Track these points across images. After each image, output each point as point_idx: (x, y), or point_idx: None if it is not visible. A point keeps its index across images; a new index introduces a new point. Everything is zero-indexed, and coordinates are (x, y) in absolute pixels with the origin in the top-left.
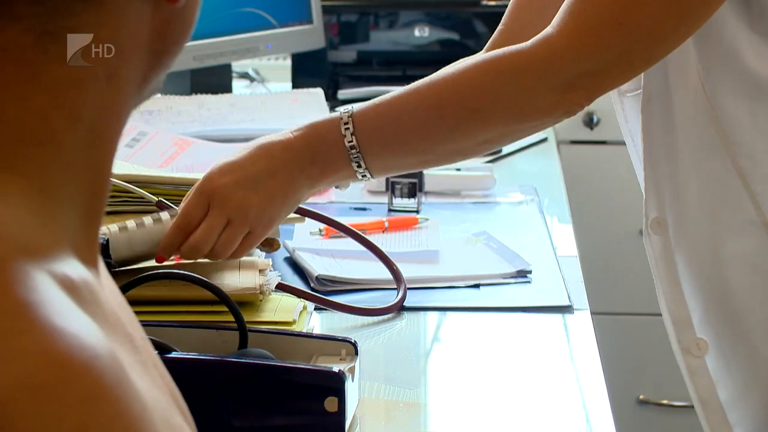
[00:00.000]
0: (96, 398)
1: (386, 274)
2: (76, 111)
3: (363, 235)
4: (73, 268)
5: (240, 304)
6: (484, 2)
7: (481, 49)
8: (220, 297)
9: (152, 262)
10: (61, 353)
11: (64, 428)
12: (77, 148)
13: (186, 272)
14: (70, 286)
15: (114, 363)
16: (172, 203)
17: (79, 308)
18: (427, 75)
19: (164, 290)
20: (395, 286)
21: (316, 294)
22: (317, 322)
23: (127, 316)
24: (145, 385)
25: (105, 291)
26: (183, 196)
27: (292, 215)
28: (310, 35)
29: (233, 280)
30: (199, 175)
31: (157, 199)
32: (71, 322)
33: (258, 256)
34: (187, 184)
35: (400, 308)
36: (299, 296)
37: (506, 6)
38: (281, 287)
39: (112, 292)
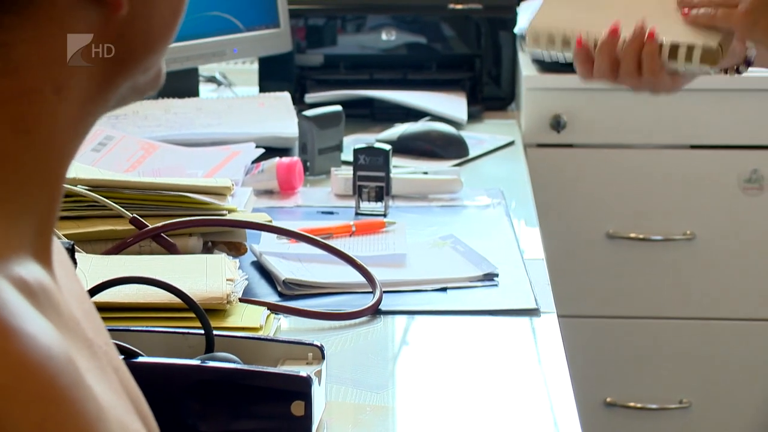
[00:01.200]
0: (51, 399)
1: (353, 278)
2: (24, 124)
3: (331, 237)
4: (30, 272)
5: (206, 311)
6: (451, 6)
7: (449, 53)
8: (186, 302)
9: (120, 268)
10: (16, 354)
11: (20, 428)
12: (29, 159)
13: (152, 277)
14: (26, 290)
15: (69, 365)
16: (139, 208)
17: (36, 311)
18: (394, 78)
19: (131, 296)
20: (363, 290)
21: (282, 304)
22: (285, 325)
23: (91, 320)
24: (102, 389)
25: (63, 295)
26: (150, 200)
27: (261, 217)
28: (277, 39)
29: (200, 286)
30: (165, 180)
31: (131, 215)
32: (27, 323)
33: (226, 259)
34: (154, 188)
35: (375, 311)
36: (264, 306)
37: (472, 10)
38: (244, 300)
39: (79, 296)
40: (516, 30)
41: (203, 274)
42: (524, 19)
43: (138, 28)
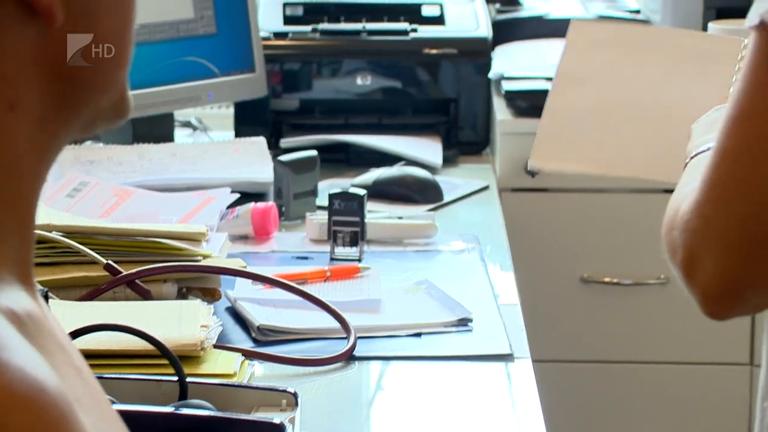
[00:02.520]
0: (42, 430)
1: (328, 323)
2: None
3: (305, 283)
4: (17, 300)
5: (180, 357)
6: (426, 51)
7: (424, 97)
8: (159, 348)
9: (94, 315)
10: (4, 386)
11: None
12: None
13: (126, 325)
14: (15, 319)
15: (60, 397)
16: (114, 254)
17: (25, 341)
18: (369, 123)
19: (105, 343)
20: (338, 335)
21: (256, 350)
22: (259, 371)
23: (74, 351)
24: (93, 420)
25: (50, 321)
26: (124, 246)
27: (235, 262)
28: (253, 84)
29: (173, 332)
30: (139, 226)
31: (106, 262)
32: (16, 355)
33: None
34: (128, 234)
35: (349, 357)
36: (239, 352)
37: (447, 55)
38: (218, 346)
39: (60, 329)
40: (490, 74)
41: (177, 321)
42: (499, 63)
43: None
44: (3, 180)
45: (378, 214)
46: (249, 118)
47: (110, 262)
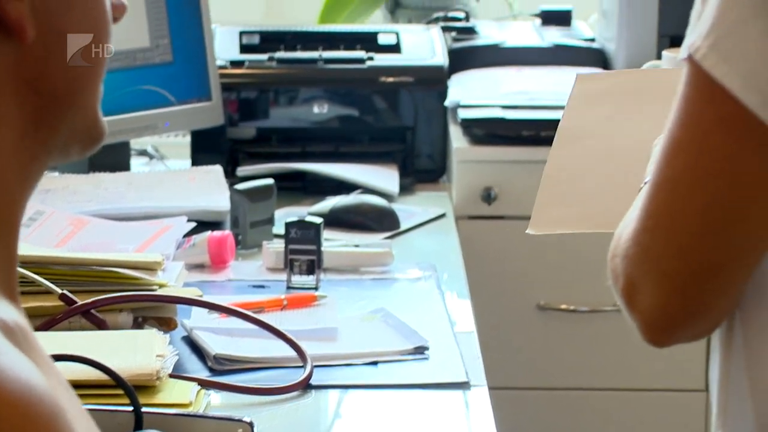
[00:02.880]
0: (31, 428)
1: (285, 352)
2: None
3: (262, 311)
4: (6, 312)
5: (136, 387)
6: (383, 79)
7: (381, 125)
8: (115, 378)
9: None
10: None
11: None
12: None
13: (81, 355)
14: (4, 328)
15: (49, 397)
16: (69, 284)
17: (14, 347)
18: (326, 151)
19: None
20: (294, 364)
21: (212, 379)
22: (216, 401)
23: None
24: (82, 427)
25: (35, 337)
26: (80, 276)
27: (191, 291)
28: (209, 112)
29: (129, 362)
30: (95, 255)
31: (61, 291)
32: (4, 357)
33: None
34: (84, 264)
35: (306, 386)
36: (195, 382)
37: (403, 83)
38: (174, 376)
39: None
40: (447, 102)
41: (133, 351)
42: (455, 91)
43: (55, 62)
44: None
45: (335, 243)
46: (206, 147)
47: (65, 292)
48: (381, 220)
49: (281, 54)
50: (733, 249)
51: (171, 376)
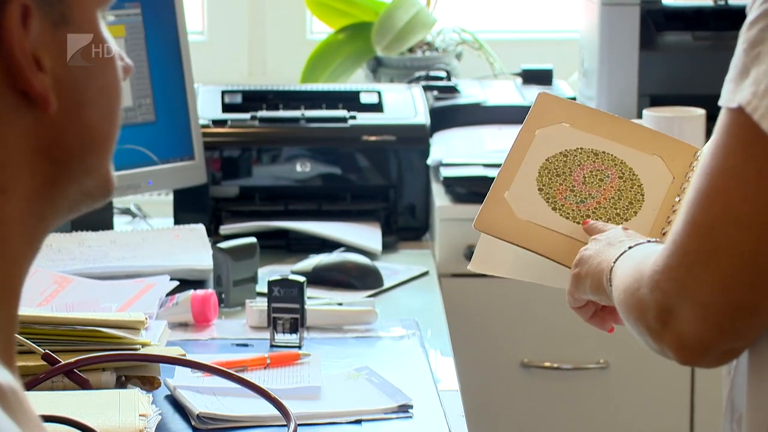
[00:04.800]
0: None
1: (269, 411)
2: None
3: (245, 370)
4: (1, 375)
5: None
6: (365, 137)
7: (363, 184)
8: None
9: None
10: None
11: None
12: None
13: (63, 416)
14: None
15: None
16: (52, 343)
17: (5, 413)
18: (309, 209)
19: None
20: (278, 423)
21: None
22: None
23: None
24: None
25: (28, 402)
26: (63, 335)
27: (174, 350)
28: (192, 171)
29: (112, 422)
30: (78, 314)
31: (44, 351)
32: None
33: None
34: (66, 323)
35: None
36: None
37: (386, 142)
38: None
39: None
40: (429, 161)
41: (116, 410)
42: (437, 150)
43: (72, 131)
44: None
45: (318, 301)
46: (188, 205)
47: (48, 351)
48: (364, 278)
49: (264, 113)
50: None
51: None
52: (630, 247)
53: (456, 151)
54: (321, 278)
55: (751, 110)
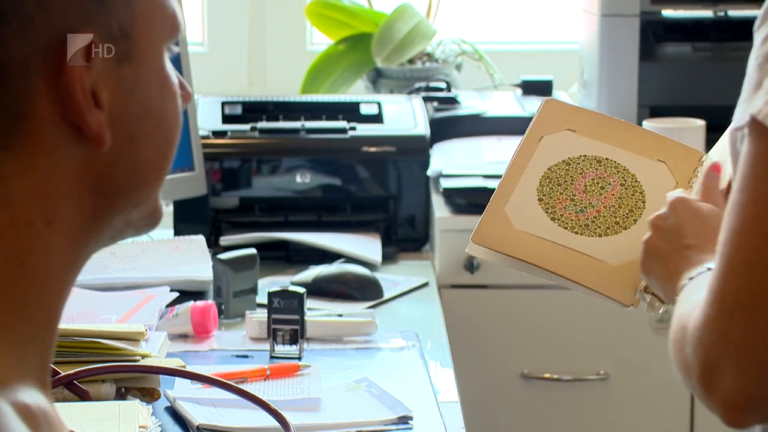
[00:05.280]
0: None
1: (269, 422)
2: (19, 256)
3: (245, 381)
4: (32, 398)
5: None
6: (365, 148)
7: (363, 194)
8: None
9: None
10: None
11: None
12: (26, 290)
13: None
14: (29, 415)
15: None
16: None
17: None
18: (309, 220)
19: None
20: None
21: None
22: None
23: None
24: None
25: (61, 425)
26: (63, 347)
27: (174, 362)
28: (192, 182)
29: None
30: (78, 326)
31: None
32: None
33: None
34: (67, 335)
35: None
36: None
37: (386, 153)
38: None
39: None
40: (429, 172)
41: (116, 422)
42: (437, 161)
43: (123, 166)
44: (35, 291)
45: (318, 312)
46: (188, 216)
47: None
48: (364, 290)
49: (264, 124)
50: None
51: None
52: (691, 278)
53: (456, 162)
54: (321, 289)
55: (763, 117)
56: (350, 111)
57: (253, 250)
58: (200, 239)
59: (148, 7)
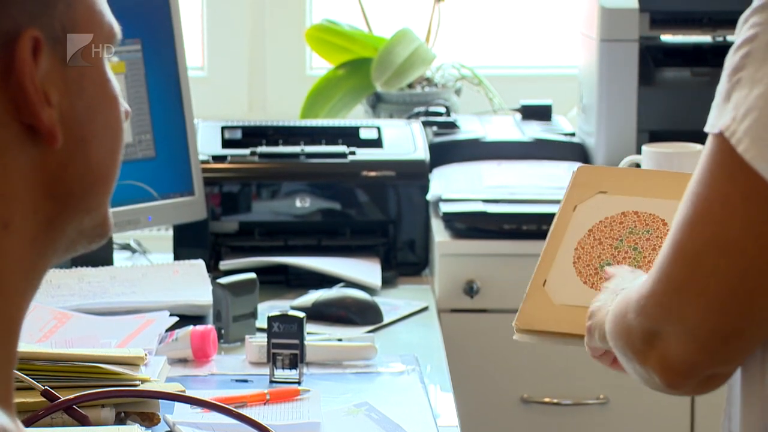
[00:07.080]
0: None
1: None
2: None
3: (245, 406)
4: None
5: None
6: (365, 173)
7: (363, 219)
8: None
9: None
10: None
11: None
12: None
13: None
14: None
15: None
16: (51, 379)
17: None
18: (308, 245)
19: None
20: None
21: None
22: None
23: None
24: None
25: None
26: (62, 371)
27: (174, 386)
28: (192, 206)
29: None
30: (77, 350)
31: (43, 387)
32: None
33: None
34: (66, 359)
35: None
36: None
37: (385, 177)
38: None
39: None
40: (428, 196)
41: None
42: (437, 185)
43: (74, 167)
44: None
45: (317, 336)
46: (188, 241)
47: (47, 387)
48: (364, 314)
49: (263, 149)
50: (758, 314)
51: None
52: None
53: (455, 186)
54: (320, 314)
55: (729, 135)
56: (350, 135)
57: (252, 275)
58: (200, 263)
59: (88, 11)
